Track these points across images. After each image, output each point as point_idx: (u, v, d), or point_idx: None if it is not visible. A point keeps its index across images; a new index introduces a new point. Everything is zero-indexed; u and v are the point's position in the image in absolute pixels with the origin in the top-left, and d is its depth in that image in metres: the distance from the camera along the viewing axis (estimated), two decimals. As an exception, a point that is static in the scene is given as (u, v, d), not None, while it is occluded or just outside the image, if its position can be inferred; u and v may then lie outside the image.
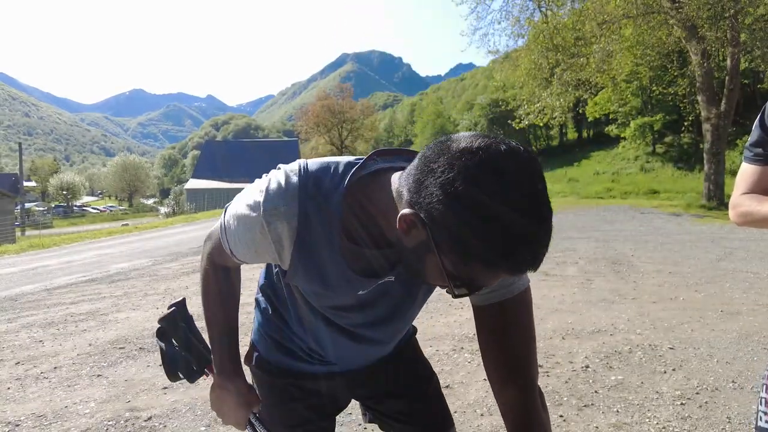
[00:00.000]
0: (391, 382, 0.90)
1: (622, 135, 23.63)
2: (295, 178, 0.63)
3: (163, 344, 0.86)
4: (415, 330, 0.99)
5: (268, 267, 0.87)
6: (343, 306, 0.73)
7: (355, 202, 0.62)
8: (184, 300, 0.88)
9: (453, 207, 0.49)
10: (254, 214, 0.63)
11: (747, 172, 0.96)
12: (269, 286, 0.87)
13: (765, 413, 0.86)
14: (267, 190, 0.63)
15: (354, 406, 1.01)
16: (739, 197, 0.95)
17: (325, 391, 0.88)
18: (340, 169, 0.64)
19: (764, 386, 0.87)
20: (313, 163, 0.66)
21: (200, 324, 0.87)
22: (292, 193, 0.62)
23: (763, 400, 0.86)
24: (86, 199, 75.19)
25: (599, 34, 12.01)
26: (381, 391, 0.91)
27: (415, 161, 0.55)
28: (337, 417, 0.95)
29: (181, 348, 0.86)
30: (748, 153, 0.97)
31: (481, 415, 2.11)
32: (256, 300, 0.91)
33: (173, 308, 0.87)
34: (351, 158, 0.66)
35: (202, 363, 0.87)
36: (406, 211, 0.53)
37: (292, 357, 0.86)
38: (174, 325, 0.86)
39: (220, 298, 0.80)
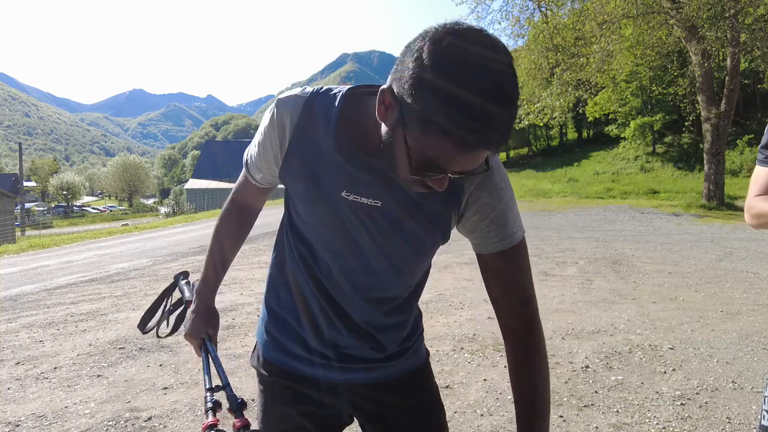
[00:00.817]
0: (391, 410, 0.86)
1: (622, 135, 23.62)
2: (309, 88, 0.77)
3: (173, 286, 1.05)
4: (426, 357, 0.92)
5: (281, 226, 0.86)
6: (329, 222, 0.74)
7: (353, 103, 0.71)
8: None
9: (418, 74, 0.53)
10: (270, 107, 0.77)
11: (760, 174, 0.97)
12: (275, 265, 0.87)
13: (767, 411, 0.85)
14: (282, 94, 0.76)
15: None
16: (753, 199, 0.96)
17: (326, 400, 0.85)
18: (348, 86, 0.75)
19: None
20: (324, 87, 0.77)
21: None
22: (304, 91, 0.75)
23: (766, 399, 0.86)
24: (86, 199, 75.20)
25: (599, 34, 12.00)
26: (380, 416, 0.87)
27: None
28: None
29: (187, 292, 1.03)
30: (761, 155, 0.98)
31: (481, 415, 2.11)
32: (264, 299, 0.90)
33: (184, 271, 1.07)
34: None
35: (182, 303, 1.03)
36: (383, 87, 0.59)
37: (293, 358, 0.84)
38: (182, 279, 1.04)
39: (223, 233, 0.93)
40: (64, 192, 55.16)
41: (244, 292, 4.51)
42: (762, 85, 13.50)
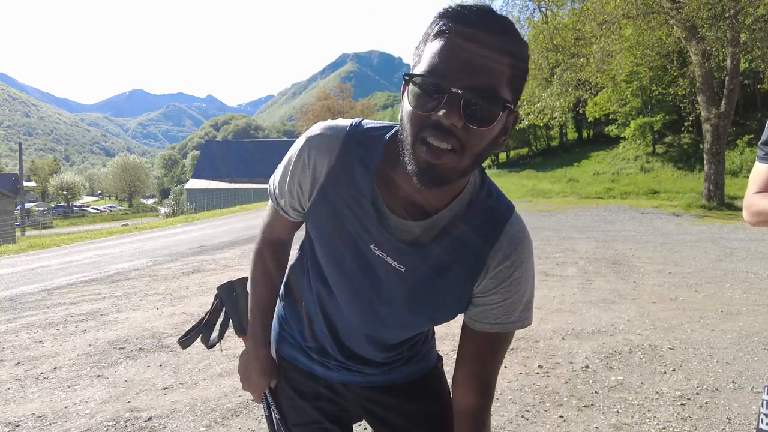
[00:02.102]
0: (400, 415, 0.87)
1: (622, 135, 23.62)
2: (347, 120, 0.72)
3: (218, 301, 0.97)
4: (436, 362, 0.93)
5: (302, 248, 0.86)
6: (348, 272, 0.72)
7: (395, 153, 0.64)
8: (245, 278, 0.97)
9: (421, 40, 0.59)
10: (301, 140, 0.72)
11: (759, 171, 0.94)
12: (293, 273, 0.88)
13: (766, 415, 0.84)
14: (314, 126, 0.72)
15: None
16: (752, 196, 0.93)
17: (338, 399, 0.88)
18: (391, 124, 0.71)
19: (766, 388, 0.85)
20: (366, 120, 0.73)
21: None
22: (341, 127, 0.70)
23: (765, 402, 0.85)
24: (86, 199, 75.18)
25: (599, 35, 12.00)
26: (389, 421, 0.88)
27: None
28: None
29: (229, 308, 0.96)
30: (760, 152, 0.95)
31: (481, 415, 2.11)
32: (280, 296, 0.92)
33: (232, 281, 0.97)
34: None
35: (240, 331, 0.95)
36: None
37: (307, 357, 0.87)
38: (228, 292, 0.95)
39: (261, 275, 0.87)
40: (64, 192, 55.16)
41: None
42: (762, 85, 13.50)
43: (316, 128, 0.71)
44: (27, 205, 36.62)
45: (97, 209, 54.99)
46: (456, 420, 0.78)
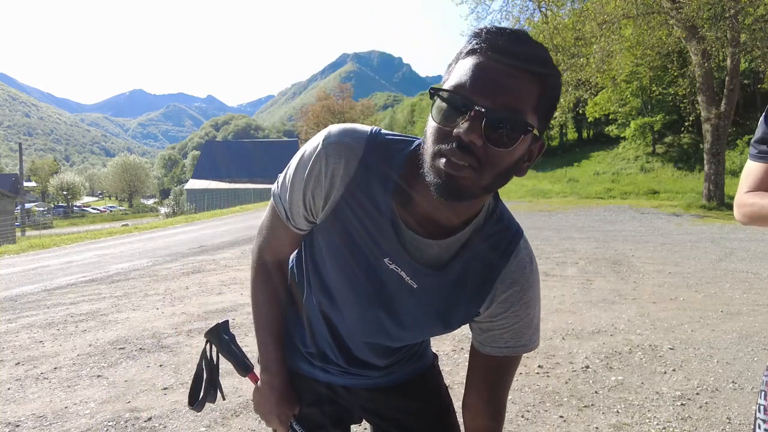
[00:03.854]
0: (402, 413, 0.88)
1: (622, 135, 23.60)
2: (365, 127, 0.67)
3: (210, 349, 0.89)
4: (432, 360, 0.95)
5: (300, 252, 0.84)
6: (358, 284, 0.71)
7: (416, 167, 0.62)
8: (227, 321, 0.91)
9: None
10: (315, 144, 0.66)
11: (752, 169, 0.92)
12: (292, 277, 0.86)
13: (764, 421, 0.83)
14: (331, 130, 0.66)
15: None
16: (744, 195, 0.92)
17: (338, 401, 0.88)
18: (411, 138, 0.69)
19: (763, 393, 0.85)
20: (383, 130, 0.70)
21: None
22: (361, 135, 0.66)
23: (762, 408, 0.84)
24: (86, 199, 75.17)
25: (599, 35, 12.00)
26: (391, 419, 0.89)
27: None
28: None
29: (225, 353, 0.88)
30: (753, 150, 0.93)
31: (481, 415, 2.11)
32: None
33: (218, 323, 0.90)
34: None
35: (244, 370, 0.88)
36: None
37: (308, 363, 0.87)
38: (218, 336, 0.88)
39: (265, 300, 0.81)
40: (64, 192, 55.16)
41: (245, 293, 4.51)
42: (762, 85, 13.50)
43: (335, 134, 0.65)
44: (27, 206, 36.62)
45: (97, 209, 55.00)
46: None
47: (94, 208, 56.25)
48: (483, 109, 0.52)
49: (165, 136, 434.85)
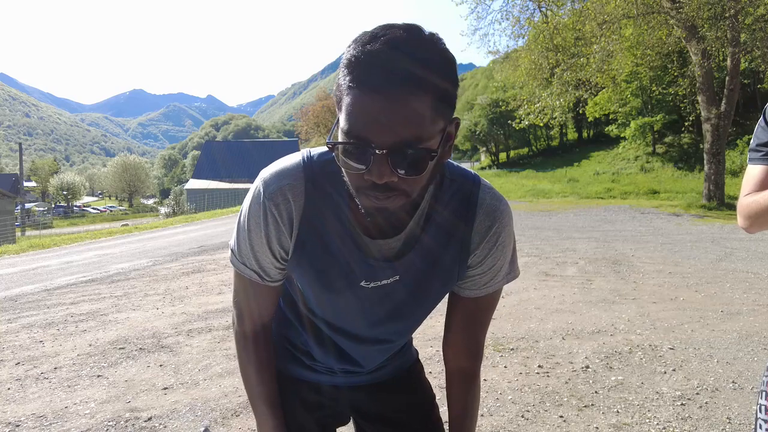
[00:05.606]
0: (390, 409, 0.89)
1: (622, 135, 23.60)
2: (296, 159, 0.66)
3: None
4: (416, 356, 0.96)
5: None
6: (344, 309, 0.73)
7: None
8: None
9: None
10: (257, 196, 0.66)
11: (753, 173, 0.90)
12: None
13: (765, 421, 0.83)
14: (265, 179, 0.65)
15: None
16: (743, 198, 0.90)
17: (327, 403, 0.88)
18: None
19: (763, 393, 0.84)
20: (314, 149, 0.69)
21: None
22: (296, 170, 0.65)
23: (763, 408, 0.84)
24: (86, 199, 75.17)
25: (599, 34, 12.00)
26: (380, 415, 0.90)
27: None
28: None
29: None
30: (755, 154, 0.90)
31: (481, 415, 2.11)
32: None
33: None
34: None
35: None
36: None
37: (296, 364, 0.86)
38: None
39: (254, 372, 0.79)
40: (64, 192, 55.16)
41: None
42: (762, 85, 13.50)
43: (271, 181, 0.64)
44: (27, 205, 36.62)
45: (97, 209, 55.00)
46: (448, 381, 0.82)
47: (94, 208, 56.26)
48: (384, 151, 0.51)
49: (165, 136, 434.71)
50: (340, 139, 0.54)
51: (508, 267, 0.74)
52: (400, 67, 0.50)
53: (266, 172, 0.66)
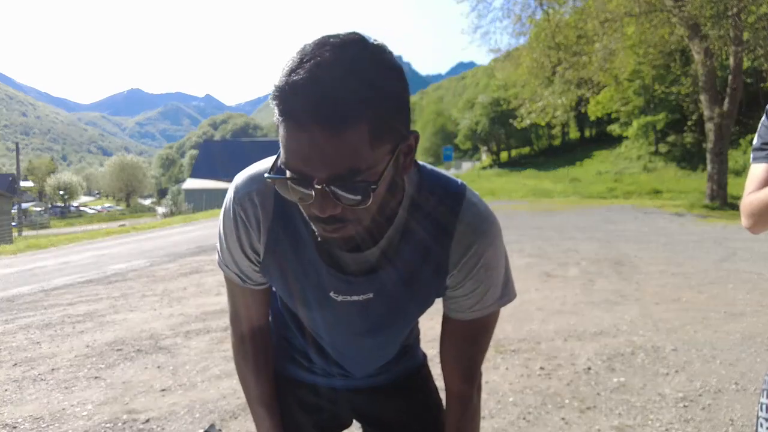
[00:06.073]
0: (390, 413, 0.88)
1: (624, 134, 23.56)
2: (267, 164, 0.63)
3: None
4: (423, 360, 0.94)
5: None
6: (319, 318, 0.72)
7: None
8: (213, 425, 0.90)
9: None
10: (230, 205, 0.65)
11: (756, 172, 0.89)
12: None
13: (766, 419, 0.83)
14: (236, 183, 0.65)
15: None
16: (746, 197, 0.89)
17: (325, 406, 0.86)
18: None
19: (765, 392, 0.84)
20: None
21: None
22: (264, 181, 0.63)
23: (764, 406, 0.84)
24: (83, 199, 75.30)
25: (601, 33, 11.96)
26: (380, 419, 0.89)
27: None
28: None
29: None
30: (759, 153, 0.90)
31: (483, 417, 2.09)
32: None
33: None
34: None
35: None
36: None
37: (294, 365, 0.85)
38: None
39: (251, 375, 0.79)
40: (62, 192, 55.17)
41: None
42: (765, 84, 13.44)
43: (241, 185, 0.64)
44: (24, 205, 36.62)
45: (95, 209, 55.11)
46: (446, 401, 0.81)
47: (91, 208, 56.36)
48: (323, 185, 0.49)
49: (163, 135, 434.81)
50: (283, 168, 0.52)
51: (500, 291, 0.70)
52: (325, 101, 0.46)
53: (239, 177, 0.65)
